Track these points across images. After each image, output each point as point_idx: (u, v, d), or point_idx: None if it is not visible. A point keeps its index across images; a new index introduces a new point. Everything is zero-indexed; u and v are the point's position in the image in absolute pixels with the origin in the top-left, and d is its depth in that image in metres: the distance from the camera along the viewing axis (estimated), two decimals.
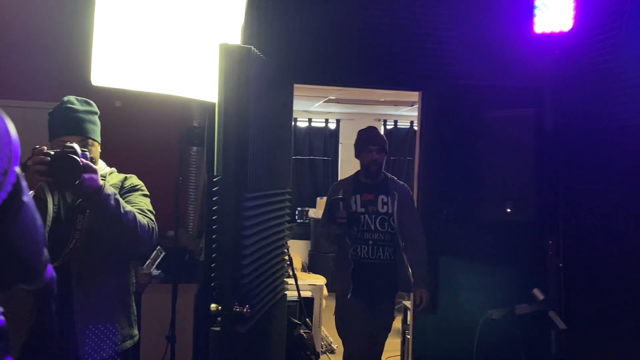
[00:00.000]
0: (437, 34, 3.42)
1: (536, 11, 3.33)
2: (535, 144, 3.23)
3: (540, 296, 3.07)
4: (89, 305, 1.90)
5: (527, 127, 3.28)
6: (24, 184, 0.50)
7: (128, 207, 1.89)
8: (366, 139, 3.21)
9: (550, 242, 3.45)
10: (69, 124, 1.95)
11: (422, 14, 3.41)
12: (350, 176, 3.35)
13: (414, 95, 3.57)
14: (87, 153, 1.84)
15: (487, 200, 3.26)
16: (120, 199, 1.86)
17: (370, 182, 3.23)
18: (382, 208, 3.16)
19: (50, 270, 0.71)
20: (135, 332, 2.12)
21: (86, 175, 1.73)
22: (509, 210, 3.19)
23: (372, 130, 3.26)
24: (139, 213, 1.95)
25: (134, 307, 2.13)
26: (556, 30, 3.30)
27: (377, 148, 3.17)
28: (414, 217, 3.25)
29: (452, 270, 3.47)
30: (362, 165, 3.25)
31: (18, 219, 0.49)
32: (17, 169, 0.48)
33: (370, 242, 3.14)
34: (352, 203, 3.16)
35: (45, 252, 0.66)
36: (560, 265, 3.42)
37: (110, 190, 1.82)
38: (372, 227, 3.14)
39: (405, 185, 3.29)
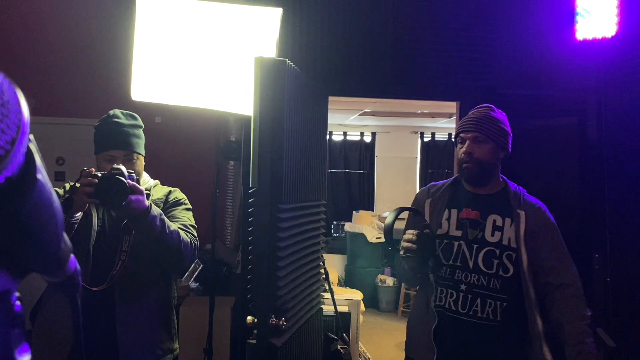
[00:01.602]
0: (474, 43, 3.38)
1: (578, 17, 3.25)
2: (578, 154, 3.14)
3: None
4: (132, 320, 1.92)
5: (570, 136, 3.19)
6: (39, 160, 0.49)
7: (173, 227, 1.92)
8: (460, 123, 2.12)
9: (597, 255, 3.32)
10: (114, 138, 2.00)
11: (459, 22, 3.37)
12: (449, 179, 2.20)
13: (452, 106, 3.52)
14: (134, 174, 1.88)
15: None
16: (166, 219, 1.90)
17: (477, 191, 2.09)
18: (493, 236, 2.00)
19: (74, 263, 0.71)
20: (176, 345, 2.14)
21: (133, 197, 1.77)
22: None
23: (474, 111, 2.11)
24: (182, 229, 1.99)
25: (175, 321, 2.16)
26: (599, 36, 3.21)
27: (473, 136, 2.02)
28: (559, 253, 2.02)
29: None
30: (457, 166, 2.15)
31: (32, 197, 0.48)
32: (31, 145, 0.47)
33: (463, 286, 1.98)
34: (444, 220, 2.05)
35: (66, 239, 0.65)
36: (608, 279, 3.28)
37: (156, 211, 1.85)
38: (471, 264, 1.98)
39: (541, 203, 2.08)
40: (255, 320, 1.99)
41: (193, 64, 2.39)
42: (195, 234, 2.07)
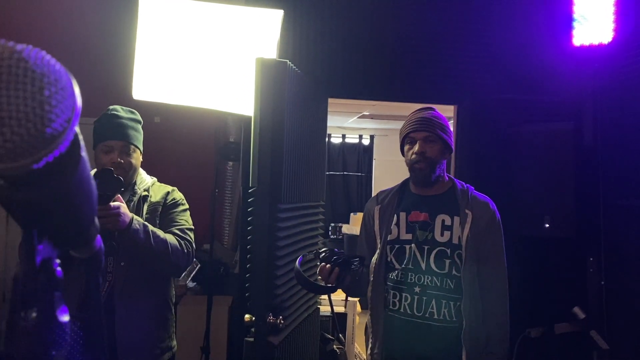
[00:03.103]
0: (472, 47, 3.41)
1: (575, 23, 3.28)
2: (574, 158, 3.16)
3: (581, 315, 2.97)
4: (130, 321, 1.93)
5: (566, 141, 3.21)
6: (82, 140, 0.54)
7: (162, 236, 1.93)
8: (408, 123, 2.07)
9: (591, 259, 3.35)
10: (112, 129, 2.02)
11: (457, 27, 3.40)
12: (397, 185, 2.19)
13: (450, 110, 3.55)
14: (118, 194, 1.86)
15: (525, 216, 3.19)
16: (152, 230, 1.90)
17: (424, 192, 2.08)
18: (443, 235, 1.98)
19: (99, 241, 0.74)
20: (174, 343, 2.16)
21: (115, 210, 1.78)
22: (547, 225, 3.12)
23: (419, 112, 2.09)
24: (177, 235, 2.00)
25: (173, 319, 2.17)
26: (596, 42, 3.24)
27: (425, 135, 1.99)
28: (497, 252, 2.01)
29: None
30: (408, 167, 2.10)
31: (76, 174, 0.53)
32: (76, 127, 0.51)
33: (417, 289, 1.96)
34: (393, 225, 2.04)
35: (96, 218, 0.69)
36: (602, 283, 3.31)
37: (138, 224, 1.86)
38: (423, 266, 1.97)
39: (489, 200, 2.08)
40: (253, 318, 2.01)
41: (194, 64, 2.41)
42: (192, 237, 2.08)
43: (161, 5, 2.40)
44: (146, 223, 1.90)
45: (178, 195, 2.16)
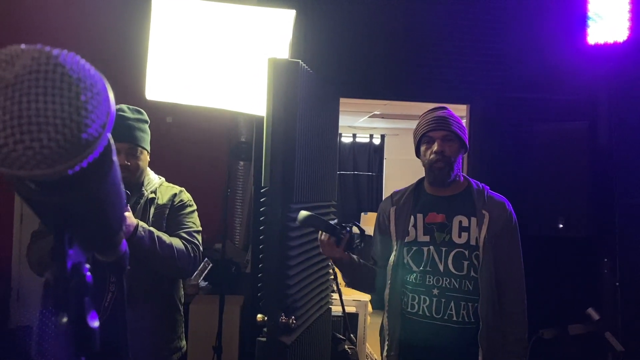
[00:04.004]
0: (485, 46, 3.38)
1: (589, 22, 3.25)
2: (588, 158, 3.13)
3: (596, 316, 2.94)
4: (137, 322, 1.93)
5: (580, 140, 3.18)
6: (114, 145, 0.54)
7: (168, 241, 1.92)
8: (424, 123, 2.03)
9: (606, 259, 3.32)
10: (119, 131, 2.00)
11: (469, 26, 3.38)
12: (411, 185, 2.15)
13: (461, 110, 3.53)
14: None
15: (538, 216, 3.16)
16: (158, 235, 1.90)
17: (440, 193, 2.04)
18: (460, 237, 1.95)
19: (125, 245, 0.75)
20: (183, 343, 2.16)
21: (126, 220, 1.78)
22: (561, 225, 3.09)
23: (433, 111, 2.06)
24: (183, 239, 2.00)
25: (182, 320, 2.17)
26: (610, 41, 3.21)
27: (443, 134, 1.97)
28: (514, 255, 2.00)
29: None
30: (424, 167, 2.06)
31: (108, 178, 0.53)
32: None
33: (436, 291, 1.94)
34: (411, 227, 2.01)
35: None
36: (617, 284, 3.27)
37: (143, 231, 1.86)
38: (441, 268, 1.94)
39: (505, 200, 2.05)
40: (265, 318, 2.01)
41: (207, 65, 2.42)
42: (199, 239, 2.07)
43: (174, 5, 2.41)
44: (152, 229, 1.89)
45: (186, 196, 2.14)
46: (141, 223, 1.86)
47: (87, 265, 0.55)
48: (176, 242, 1.96)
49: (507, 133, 3.36)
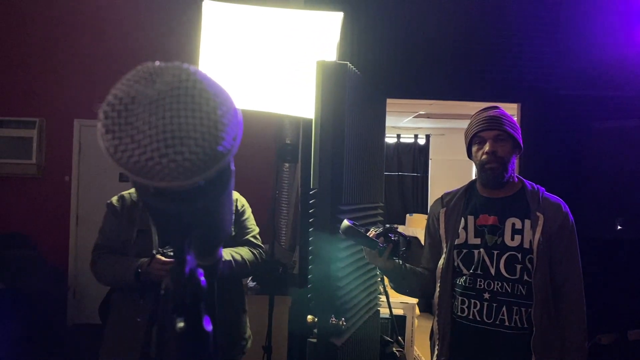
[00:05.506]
0: (536, 43, 3.30)
1: None
2: None
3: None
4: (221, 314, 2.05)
5: (637, 138, 3.06)
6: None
7: (240, 259, 2.09)
8: (475, 122, 1.97)
9: None
10: None
11: (520, 23, 3.30)
12: (463, 186, 2.11)
13: (511, 108, 3.45)
14: None
15: (595, 217, 3.05)
16: (234, 257, 2.05)
17: (493, 194, 1.98)
18: (513, 240, 1.90)
19: (221, 251, 0.77)
20: (249, 343, 2.36)
21: None
22: (619, 227, 2.98)
23: (485, 110, 1.99)
24: (250, 245, 2.16)
25: (247, 321, 2.36)
26: None
27: (495, 134, 1.91)
28: (571, 258, 1.92)
29: None
30: (477, 168, 2.01)
31: (229, 186, 0.55)
32: None
33: (487, 295, 1.89)
34: (461, 229, 1.96)
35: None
36: None
37: (225, 259, 2.01)
38: (492, 272, 1.89)
39: (561, 202, 1.97)
40: (316, 319, 2.02)
41: (255, 68, 2.46)
42: (261, 242, 2.22)
43: (223, 11, 2.46)
44: (229, 255, 2.05)
45: (242, 200, 2.28)
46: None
47: (202, 270, 0.57)
48: (246, 254, 2.12)
49: (561, 132, 3.26)
